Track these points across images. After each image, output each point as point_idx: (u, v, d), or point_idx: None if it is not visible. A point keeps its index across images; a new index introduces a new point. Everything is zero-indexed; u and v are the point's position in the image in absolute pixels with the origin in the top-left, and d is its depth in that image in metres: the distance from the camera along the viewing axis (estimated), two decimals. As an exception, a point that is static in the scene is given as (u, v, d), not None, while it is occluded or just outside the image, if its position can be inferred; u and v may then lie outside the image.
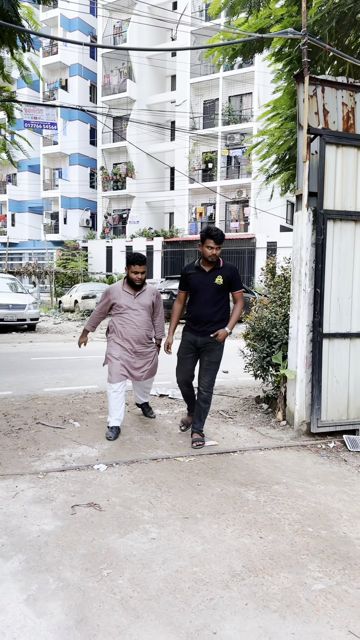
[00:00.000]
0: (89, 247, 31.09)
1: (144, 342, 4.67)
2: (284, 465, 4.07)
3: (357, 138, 4.66)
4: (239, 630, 2.12)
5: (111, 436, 4.58)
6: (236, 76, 26.43)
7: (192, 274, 4.37)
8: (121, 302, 4.56)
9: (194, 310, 4.39)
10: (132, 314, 4.57)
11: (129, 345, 4.60)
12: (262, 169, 8.71)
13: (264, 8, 7.00)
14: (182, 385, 4.69)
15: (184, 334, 4.52)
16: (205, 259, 4.30)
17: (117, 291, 4.59)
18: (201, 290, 4.34)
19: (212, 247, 4.21)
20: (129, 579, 2.45)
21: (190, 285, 4.39)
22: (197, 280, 4.34)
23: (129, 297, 4.58)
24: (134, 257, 4.52)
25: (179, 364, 4.59)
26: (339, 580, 2.51)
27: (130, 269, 4.52)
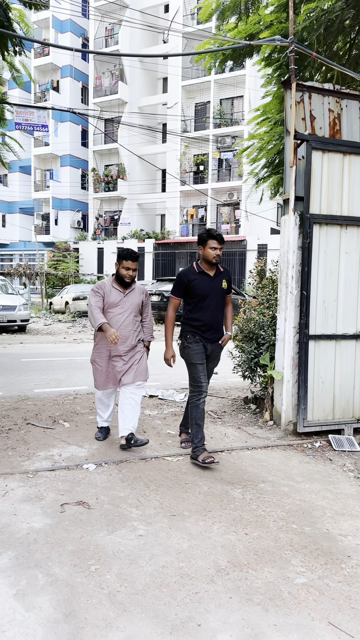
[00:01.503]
0: (80, 249, 31.09)
1: (130, 343, 4.31)
2: (270, 464, 4.15)
3: (342, 144, 4.76)
4: (223, 623, 2.18)
5: (100, 437, 4.61)
6: (227, 79, 26.60)
7: (196, 279, 4.09)
8: (110, 299, 4.26)
9: (205, 317, 4.12)
10: (118, 313, 4.26)
11: (114, 350, 4.27)
12: (252, 173, 8.81)
13: (254, 14, 7.09)
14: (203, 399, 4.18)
15: (191, 340, 4.14)
16: (208, 261, 4.09)
17: (107, 287, 4.30)
18: (210, 296, 4.11)
19: (215, 247, 4.03)
20: (116, 574, 2.51)
21: (195, 291, 4.09)
22: (204, 285, 4.10)
23: (118, 295, 4.28)
24: (126, 252, 4.24)
25: (201, 372, 4.14)
26: (320, 575, 2.59)
27: (122, 265, 4.22)
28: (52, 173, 32.41)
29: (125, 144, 26.86)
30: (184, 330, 4.21)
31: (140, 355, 4.38)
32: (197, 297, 4.11)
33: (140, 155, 24.14)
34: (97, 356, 4.42)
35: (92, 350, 4.50)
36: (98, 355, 4.40)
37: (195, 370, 4.14)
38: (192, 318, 4.17)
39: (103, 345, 4.34)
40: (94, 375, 4.49)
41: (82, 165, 33.34)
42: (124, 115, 29.24)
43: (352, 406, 4.91)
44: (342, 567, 2.67)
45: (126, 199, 30.59)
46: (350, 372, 4.87)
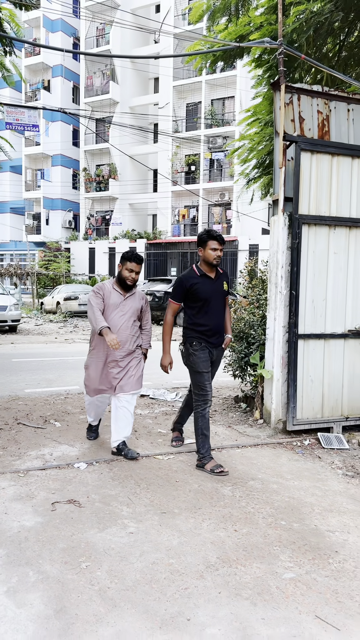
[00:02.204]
0: (71, 249, 31.01)
1: (127, 348, 4.13)
2: (260, 462, 4.19)
3: (331, 145, 4.82)
4: (212, 617, 2.22)
5: (92, 437, 4.60)
6: (218, 80, 26.67)
7: (198, 283, 3.96)
8: (110, 301, 4.08)
9: (210, 321, 4.00)
10: (118, 316, 4.07)
11: (111, 352, 4.10)
12: (243, 173, 8.86)
13: (244, 16, 7.14)
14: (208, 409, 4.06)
15: (197, 348, 4.00)
16: (209, 263, 3.98)
17: (108, 289, 4.12)
18: (213, 299, 4.00)
19: (216, 248, 3.93)
20: (107, 570, 2.53)
21: (198, 295, 3.95)
22: (207, 288, 3.98)
23: (118, 297, 4.11)
24: (131, 254, 4.08)
25: (207, 380, 4.01)
26: (308, 569, 2.63)
27: (125, 266, 4.06)
28: (43, 173, 32.31)
29: (117, 143, 26.85)
30: (189, 336, 4.05)
31: (137, 362, 4.21)
32: (200, 301, 3.97)
33: (131, 156, 24.15)
34: (92, 361, 4.19)
35: (87, 355, 4.29)
36: (94, 360, 4.17)
37: (201, 378, 3.98)
38: (196, 323, 4.01)
39: (100, 349, 4.13)
40: (86, 381, 4.25)
41: (74, 165, 33.26)
42: (115, 115, 29.21)
43: (341, 404, 4.97)
44: (330, 562, 2.72)
45: (118, 199, 30.57)
46: (339, 371, 4.93)
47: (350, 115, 5.01)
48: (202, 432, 4.00)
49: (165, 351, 4.09)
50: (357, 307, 4.98)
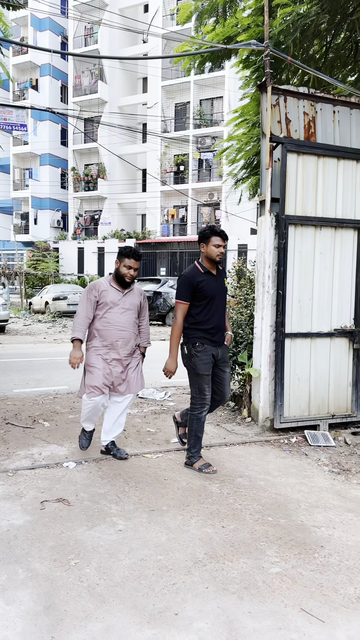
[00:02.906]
0: (60, 248, 30.89)
1: (131, 346, 4.04)
2: (247, 460, 4.24)
3: (317, 146, 4.88)
4: (199, 611, 2.26)
5: (86, 444, 4.28)
6: (207, 80, 26.73)
7: (204, 280, 3.85)
8: (108, 299, 3.92)
9: (214, 319, 3.89)
10: (118, 314, 3.94)
11: (114, 353, 3.95)
12: (231, 173, 8.90)
13: (231, 17, 7.18)
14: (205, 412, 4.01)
15: (200, 349, 3.87)
16: (211, 259, 3.89)
17: (104, 286, 3.96)
18: (217, 297, 3.92)
19: (219, 244, 3.84)
20: (95, 567, 2.56)
21: (204, 293, 3.84)
22: (212, 286, 3.89)
23: (117, 294, 3.96)
24: (129, 250, 3.94)
25: (206, 383, 3.92)
26: (294, 564, 2.68)
27: (123, 263, 3.91)
28: (31, 172, 32.15)
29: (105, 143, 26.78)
30: (192, 336, 3.91)
31: (137, 362, 4.12)
32: (205, 299, 3.85)
33: (120, 155, 24.13)
34: (92, 357, 3.98)
35: (86, 354, 4.03)
36: (93, 356, 3.98)
37: (202, 381, 3.89)
38: (200, 322, 3.88)
39: (100, 345, 3.97)
40: (89, 381, 3.95)
41: (62, 164, 33.14)
42: (103, 115, 29.16)
43: (327, 402, 5.03)
44: (315, 556, 2.77)
45: (106, 199, 30.52)
46: (325, 370, 5.00)
47: (336, 117, 5.07)
48: (195, 434, 3.99)
49: (173, 355, 3.87)
50: (342, 306, 5.05)
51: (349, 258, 5.05)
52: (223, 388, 4.04)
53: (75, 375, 7.94)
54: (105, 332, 3.94)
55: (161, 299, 16.39)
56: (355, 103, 5.12)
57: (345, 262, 5.04)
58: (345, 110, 5.10)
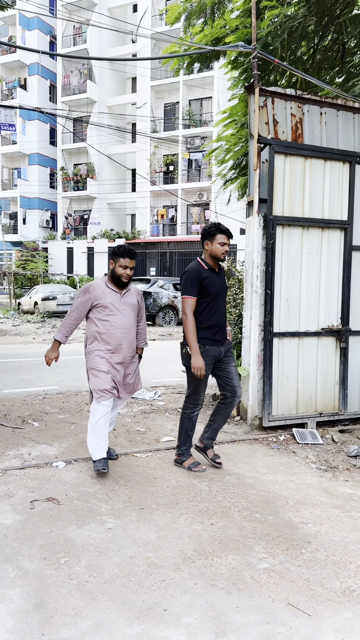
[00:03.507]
0: (49, 248, 30.78)
1: (133, 348, 3.93)
2: (236, 458, 4.28)
3: (304, 148, 4.93)
4: (188, 607, 2.29)
5: (105, 467, 3.74)
6: (196, 80, 26.78)
7: (209, 277, 3.79)
8: (106, 301, 3.77)
9: (216, 317, 3.84)
10: (120, 316, 3.80)
11: (119, 356, 3.81)
12: (220, 174, 8.95)
13: (219, 18, 7.23)
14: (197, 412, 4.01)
15: (202, 349, 3.77)
16: (215, 257, 3.83)
17: (100, 289, 3.81)
18: (220, 295, 3.88)
19: (224, 242, 3.79)
20: (85, 565, 2.58)
21: (209, 290, 3.78)
22: (216, 283, 3.83)
23: (115, 296, 3.82)
24: (123, 249, 3.79)
25: (203, 384, 3.89)
26: (282, 560, 2.72)
27: (118, 263, 3.77)
28: (19, 171, 31.98)
29: (95, 143, 26.73)
30: None
31: (136, 365, 4.03)
32: (209, 297, 3.79)
33: (109, 155, 24.10)
34: (97, 358, 3.78)
35: (87, 358, 3.86)
36: (100, 361, 3.77)
37: (199, 383, 3.87)
38: (204, 320, 3.81)
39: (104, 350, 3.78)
40: (95, 384, 3.75)
41: (51, 164, 33.01)
42: (92, 115, 29.10)
43: (315, 401, 5.09)
44: (302, 552, 2.81)
45: (96, 199, 30.46)
46: (313, 368, 5.06)
47: (323, 119, 5.13)
48: (186, 432, 4.00)
49: (196, 352, 3.70)
50: (329, 305, 5.11)
51: (335, 258, 5.12)
52: (231, 382, 3.94)
53: (65, 376, 7.95)
54: (109, 335, 3.77)
55: (151, 299, 16.39)
56: (342, 105, 5.18)
57: (332, 262, 5.10)
58: (332, 111, 5.16)
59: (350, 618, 2.25)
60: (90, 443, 3.76)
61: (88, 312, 3.85)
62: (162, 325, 16.96)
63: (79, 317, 3.84)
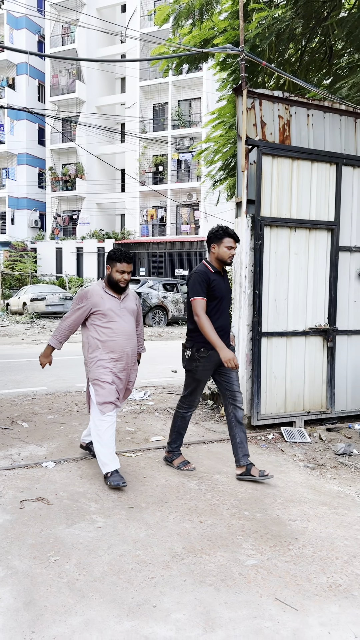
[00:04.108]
0: (37, 248, 30.62)
1: (135, 355, 3.84)
2: (225, 457, 4.31)
3: (291, 149, 4.98)
4: (177, 603, 2.32)
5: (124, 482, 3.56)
6: (185, 81, 26.82)
7: (216, 280, 3.74)
8: (106, 307, 3.64)
9: (221, 321, 3.76)
10: (122, 322, 3.68)
11: (122, 364, 3.69)
12: (209, 175, 9.00)
13: (207, 20, 7.27)
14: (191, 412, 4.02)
15: (204, 355, 3.73)
16: (222, 261, 3.78)
17: (99, 295, 3.67)
18: (226, 298, 3.82)
19: (232, 246, 3.74)
20: (75, 564, 2.60)
21: (215, 293, 3.71)
22: (222, 286, 3.78)
23: (114, 302, 3.70)
24: (120, 253, 3.66)
25: (201, 388, 3.91)
26: (269, 556, 2.76)
27: (115, 268, 3.65)
28: (7, 171, 31.77)
29: (84, 143, 26.66)
30: (198, 340, 3.74)
31: (136, 372, 3.93)
32: (215, 300, 3.73)
33: (98, 155, 24.07)
34: (103, 372, 3.65)
35: (89, 368, 3.72)
36: (104, 372, 3.65)
37: (197, 386, 3.87)
38: None
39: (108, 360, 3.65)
40: (100, 396, 3.62)
41: (39, 163, 32.84)
42: (81, 115, 29.00)
43: (303, 399, 5.14)
44: (290, 548, 2.85)
45: (85, 199, 30.36)
46: (301, 368, 5.11)
47: (310, 121, 5.19)
48: (178, 431, 4.03)
49: (221, 346, 3.57)
50: (317, 305, 5.17)
51: (322, 258, 5.18)
52: (231, 387, 3.85)
53: (54, 376, 7.94)
54: (112, 343, 3.64)
55: (141, 299, 16.40)
56: (329, 107, 5.24)
57: (319, 263, 5.16)
58: (319, 113, 5.22)
59: (336, 612, 2.29)
60: (100, 455, 3.60)
61: (85, 320, 3.73)
62: (151, 326, 16.98)
63: (75, 324, 3.73)
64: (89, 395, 3.76)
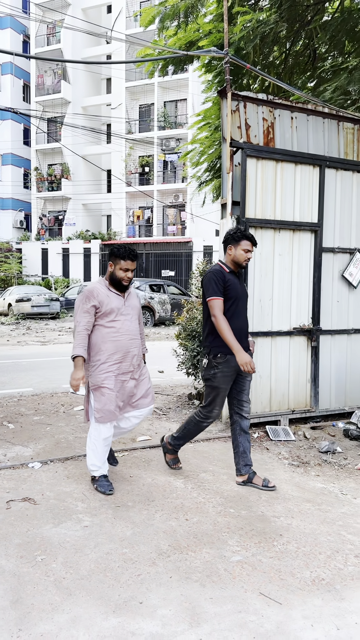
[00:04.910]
0: (23, 249, 30.42)
1: (140, 354, 3.68)
2: (211, 455, 4.36)
3: (275, 152, 5.05)
4: (163, 599, 2.35)
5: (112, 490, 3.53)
6: (171, 82, 26.86)
7: (230, 279, 3.63)
8: (111, 306, 3.47)
9: (238, 322, 3.64)
10: (126, 321, 3.53)
11: (127, 365, 3.54)
12: (195, 176, 9.05)
13: (192, 22, 7.32)
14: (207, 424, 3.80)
15: (222, 361, 3.58)
16: (237, 264, 3.68)
17: (103, 293, 3.50)
18: (242, 299, 3.70)
19: (249, 250, 3.64)
20: (62, 562, 2.62)
21: (230, 294, 3.59)
22: (237, 287, 3.66)
23: (119, 300, 3.54)
24: (124, 250, 3.49)
25: (222, 398, 3.68)
26: (254, 552, 2.80)
27: (119, 265, 3.48)
28: (-7, 172, 31.55)
29: (69, 143, 26.58)
30: (214, 345, 3.61)
31: (147, 371, 3.78)
32: (230, 300, 3.60)
33: (83, 156, 23.98)
34: (106, 377, 3.47)
35: (90, 372, 3.53)
36: (107, 376, 3.47)
37: (217, 395, 3.64)
38: None
39: (111, 362, 3.48)
40: (100, 405, 3.46)
41: (25, 164, 32.64)
42: (67, 115, 28.91)
43: (288, 398, 5.21)
44: (274, 544, 2.90)
45: (71, 199, 30.26)
46: (285, 367, 5.17)
47: (294, 123, 5.26)
48: (188, 432, 3.86)
49: (237, 349, 3.46)
50: (301, 305, 5.24)
51: (306, 259, 5.25)
52: (241, 395, 3.73)
53: (41, 377, 7.92)
54: (116, 343, 3.48)
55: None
56: (312, 110, 5.32)
57: (302, 264, 5.23)
58: (303, 116, 5.29)
59: (319, 605, 2.34)
60: (90, 458, 3.56)
61: None
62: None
63: (90, 325, 3.46)
64: (88, 402, 3.59)
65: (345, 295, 5.53)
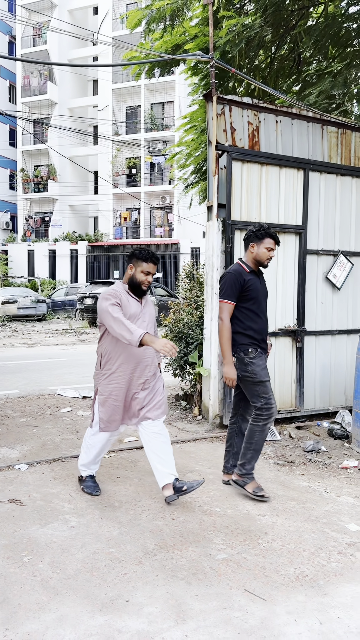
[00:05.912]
0: (9, 251, 30.20)
1: (155, 364, 3.48)
2: (198, 455, 4.39)
3: (260, 155, 5.11)
4: (149, 597, 2.37)
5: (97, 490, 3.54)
6: (157, 85, 26.91)
7: (251, 279, 3.54)
8: (131, 312, 3.30)
9: (261, 322, 3.59)
10: (144, 328, 3.32)
11: (139, 376, 3.37)
12: (182, 178, 9.09)
13: (179, 26, 7.37)
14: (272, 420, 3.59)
15: (254, 355, 3.51)
16: (259, 263, 3.59)
17: (125, 297, 3.32)
18: (263, 299, 3.64)
19: (271, 248, 3.54)
20: (49, 562, 2.63)
21: (251, 294, 3.53)
22: (258, 287, 3.59)
23: (137, 306, 3.37)
24: (147, 253, 3.32)
25: (270, 390, 3.55)
26: (239, 550, 2.84)
27: (141, 268, 3.31)
28: (-22, 173, 31.29)
29: (56, 145, 26.48)
30: (242, 343, 3.53)
31: (162, 381, 3.55)
32: (251, 300, 3.54)
33: (70, 157, 23.94)
34: (113, 389, 3.34)
35: (99, 381, 3.41)
36: (115, 388, 3.34)
37: (265, 388, 3.50)
38: (248, 327, 3.54)
39: (124, 371, 3.34)
40: (103, 414, 3.37)
41: (11, 165, 32.44)
42: (53, 117, 28.79)
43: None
44: (259, 542, 2.94)
45: (57, 201, 30.13)
46: (271, 367, 5.19)
47: (279, 127, 5.33)
48: (255, 448, 3.57)
49: (228, 361, 3.46)
50: (286, 307, 5.30)
51: (291, 261, 5.31)
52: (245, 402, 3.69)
53: (27, 379, 7.89)
54: (129, 352, 3.30)
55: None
56: (296, 113, 5.39)
57: (287, 266, 5.30)
58: (287, 120, 5.36)
59: (302, 600, 2.38)
60: (81, 460, 3.56)
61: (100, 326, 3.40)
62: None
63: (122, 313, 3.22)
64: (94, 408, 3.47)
65: (329, 297, 5.61)
